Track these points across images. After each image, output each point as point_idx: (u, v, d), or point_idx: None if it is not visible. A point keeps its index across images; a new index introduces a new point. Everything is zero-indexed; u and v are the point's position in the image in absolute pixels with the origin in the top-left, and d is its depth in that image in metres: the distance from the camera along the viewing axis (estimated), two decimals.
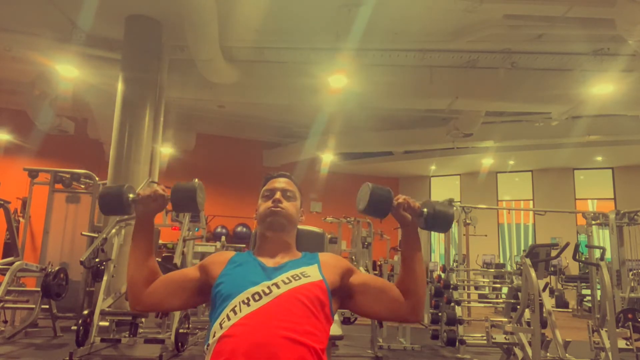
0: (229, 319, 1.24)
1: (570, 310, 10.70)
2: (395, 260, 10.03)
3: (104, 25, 7.30)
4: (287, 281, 1.31)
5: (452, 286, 6.04)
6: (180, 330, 4.91)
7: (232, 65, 7.84)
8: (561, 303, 10.73)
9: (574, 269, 11.98)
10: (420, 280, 1.37)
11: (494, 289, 9.75)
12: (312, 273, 1.36)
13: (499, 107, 9.56)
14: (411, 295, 1.37)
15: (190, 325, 5.31)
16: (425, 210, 1.34)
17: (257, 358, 1.17)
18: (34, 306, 5.80)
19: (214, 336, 1.25)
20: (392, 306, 1.38)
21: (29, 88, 8.69)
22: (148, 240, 1.41)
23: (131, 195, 1.36)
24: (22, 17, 7.22)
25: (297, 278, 1.33)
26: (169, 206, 1.43)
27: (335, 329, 1.99)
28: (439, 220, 1.34)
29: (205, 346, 1.28)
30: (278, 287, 1.29)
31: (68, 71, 8.07)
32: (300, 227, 1.58)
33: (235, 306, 1.26)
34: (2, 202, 6.06)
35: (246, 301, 1.26)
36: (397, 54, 7.88)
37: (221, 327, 1.24)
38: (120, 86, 7.25)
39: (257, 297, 1.27)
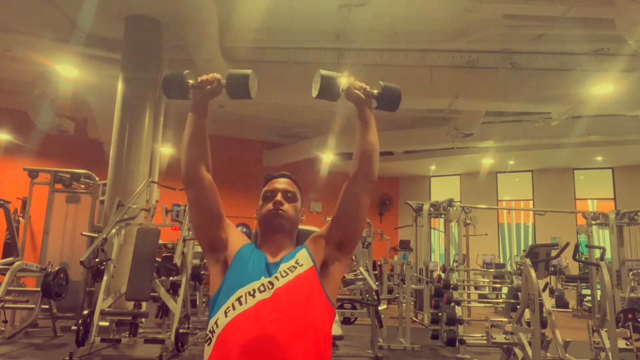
0: (234, 308, 1.28)
1: (570, 310, 10.70)
2: (395, 260, 10.04)
3: (104, 25, 7.30)
4: (284, 274, 1.34)
5: (452, 286, 6.04)
6: (180, 330, 4.91)
7: (232, 65, 7.83)
8: (561, 303, 10.73)
9: (574, 269, 11.97)
10: (374, 142, 1.45)
11: (494, 289, 9.75)
12: (304, 260, 1.39)
13: (499, 107, 9.56)
14: (366, 159, 1.44)
15: (190, 325, 5.31)
16: (375, 91, 1.45)
17: (261, 349, 1.20)
18: (34, 306, 5.80)
19: (217, 324, 1.27)
20: (355, 194, 1.44)
21: (29, 88, 8.69)
22: (203, 120, 1.46)
23: (191, 81, 1.44)
24: (22, 17, 7.21)
25: (292, 269, 1.36)
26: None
27: (335, 329, 1.99)
28: (388, 96, 1.47)
29: (208, 332, 1.30)
30: (277, 279, 1.33)
31: (68, 71, 8.07)
32: (300, 227, 1.59)
33: (241, 296, 1.29)
34: (2, 202, 6.05)
35: (252, 292, 1.29)
36: (397, 54, 7.88)
37: (226, 316, 1.27)
38: (120, 86, 7.25)
39: (262, 288, 1.30)
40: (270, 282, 1.32)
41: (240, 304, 1.28)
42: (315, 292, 1.34)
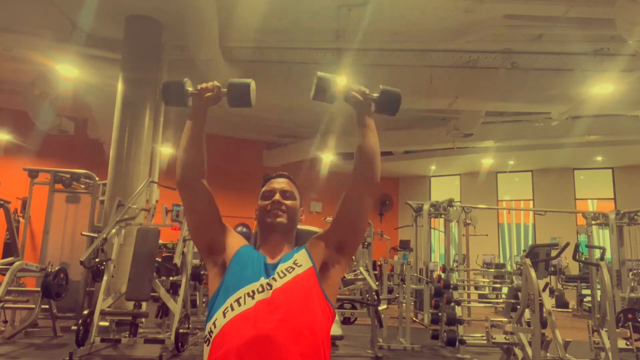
0: (232, 309, 1.28)
1: (570, 310, 10.70)
2: (395, 260, 10.04)
3: (104, 25, 7.30)
4: (282, 275, 1.34)
5: (452, 286, 6.04)
6: (180, 330, 4.91)
7: (232, 65, 7.84)
8: (561, 303, 10.73)
9: (574, 269, 11.97)
10: (374, 146, 1.45)
11: (494, 289, 9.75)
12: (303, 261, 1.39)
13: (499, 107, 9.56)
14: (367, 163, 1.43)
15: (190, 325, 5.32)
16: (374, 94, 1.42)
17: (259, 350, 1.20)
18: (34, 306, 5.80)
19: (215, 324, 1.27)
20: (357, 197, 1.44)
21: (29, 88, 8.69)
22: (201, 127, 1.48)
23: (190, 89, 1.45)
24: (22, 17, 7.21)
25: (290, 270, 1.36)
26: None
27: (335, 329, 1.99)
28: (387, 100, 1.43)
29: (206, 333, 1.30)
30: (275, 280, 1.33)
31: (68, 71, 8.07)
32: (300, 227, 1.59)
33: (240, 297, 1.29)
34: (2, 202, 6.05)
35: (251, 294, 1.30)
36: (397, 54, 7.88)
37: (224, 317, 1.27)
38: (120, 86, 7.25)
39: (261, 289, 1.31)
40: (268, 284, 1.32)
41: (239, 304, 1.28)
42: (313, 293, 1.33)
